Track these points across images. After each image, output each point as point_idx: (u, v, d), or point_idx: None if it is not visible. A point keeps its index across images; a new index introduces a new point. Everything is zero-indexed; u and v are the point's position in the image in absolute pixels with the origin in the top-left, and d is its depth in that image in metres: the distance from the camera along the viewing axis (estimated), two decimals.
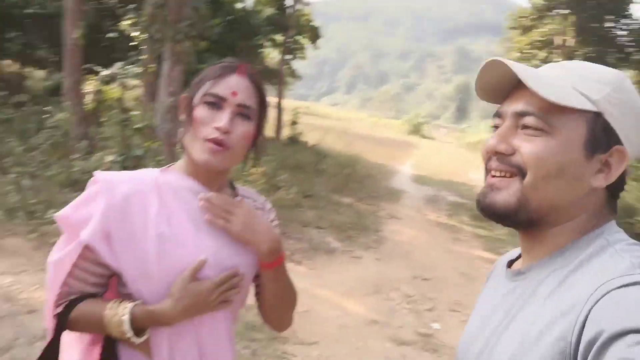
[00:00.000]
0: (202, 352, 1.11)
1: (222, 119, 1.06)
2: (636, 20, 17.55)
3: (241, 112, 1.09)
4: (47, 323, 1.11)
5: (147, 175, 1.15)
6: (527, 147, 0.74)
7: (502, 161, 0.77)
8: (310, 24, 16.75)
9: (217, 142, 1.06)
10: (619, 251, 0.70)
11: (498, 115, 0.81)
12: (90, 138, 7.16)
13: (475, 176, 18.26)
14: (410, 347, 3.87)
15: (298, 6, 15.33)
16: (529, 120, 0.74)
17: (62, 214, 1.09)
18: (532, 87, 0.72)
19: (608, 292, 0.62)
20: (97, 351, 1.10)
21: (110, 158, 6.32)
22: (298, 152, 12.91)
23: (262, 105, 1.15)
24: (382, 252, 6.43)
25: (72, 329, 1.09)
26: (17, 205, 5.00)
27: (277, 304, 1.23)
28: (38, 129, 7.84)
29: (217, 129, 1.05)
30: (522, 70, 0.74)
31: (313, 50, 18.50)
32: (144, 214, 1.07)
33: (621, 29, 17.89)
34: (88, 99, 7.90)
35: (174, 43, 5.84)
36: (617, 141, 0.73)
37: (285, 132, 15.32)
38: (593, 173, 0.74)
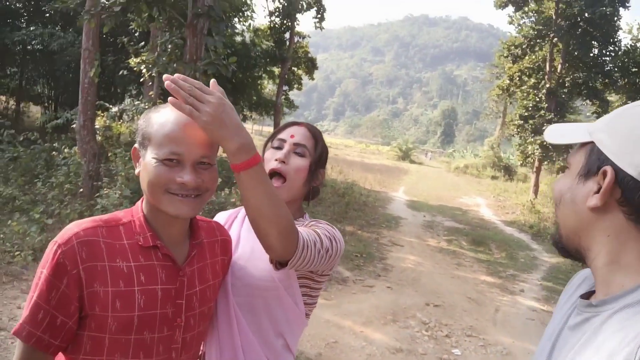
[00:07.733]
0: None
1: (282, 152, 1.34)
2: (622, 47, 17.48)
3: (296, 150, 1.35)
4: None
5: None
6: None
7: None
8: (308, 55, 17.28)
9: (275, 170, 1.32)
10: None
11: None
12: (100, 175, 7.28)
13: (466, 200, 18.54)
14: None
15: (296, 39, 15.84)
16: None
17: None
18: (546, 139, 0.93)
19: None
20: None
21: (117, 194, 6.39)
22: None
23: (317, 148, 1.39)
24: (391, 280, 6.58)
25: None
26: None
27: (258, 218, 1.04)
28: (47, 167, 7.95)
29: (276, 160, 1.33)
30: (549, 132, 0.92)
31: (307, 80, 18.94)
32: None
33: (607, 55, 17.82)
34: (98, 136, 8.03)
35: None
36: (609, 162, 0.79)
37: None
38: (589, 195, 0.81)
